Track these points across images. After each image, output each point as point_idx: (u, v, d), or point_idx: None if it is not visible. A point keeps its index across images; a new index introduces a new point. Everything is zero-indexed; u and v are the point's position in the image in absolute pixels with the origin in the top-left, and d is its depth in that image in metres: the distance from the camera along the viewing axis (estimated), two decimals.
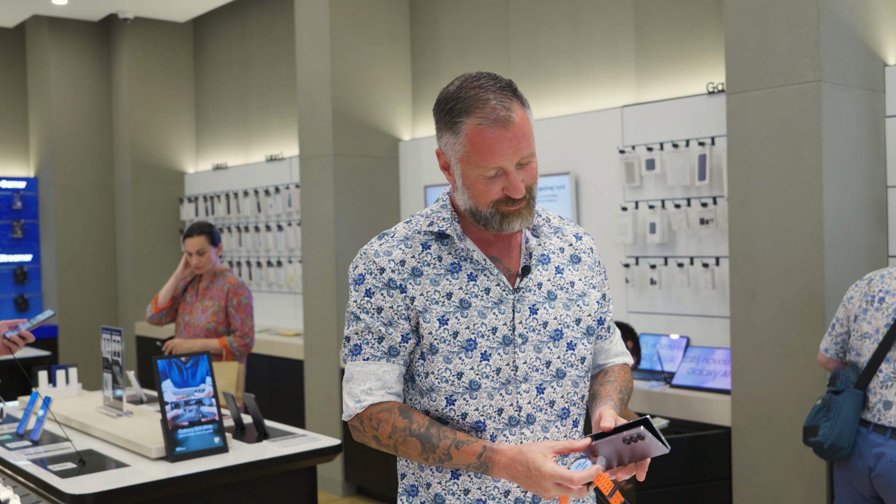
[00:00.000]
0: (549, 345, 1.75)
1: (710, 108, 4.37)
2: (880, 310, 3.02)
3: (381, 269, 1.73)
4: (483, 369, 1.70)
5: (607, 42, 4.99)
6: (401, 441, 1.68)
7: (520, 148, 1.66)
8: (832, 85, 3.56)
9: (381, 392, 1.72)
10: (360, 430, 1.74)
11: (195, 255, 4.60)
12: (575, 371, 1.79)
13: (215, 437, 3.17)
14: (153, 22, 8.22)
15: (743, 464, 3.84)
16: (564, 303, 1.79)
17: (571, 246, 1.87)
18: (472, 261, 1.75)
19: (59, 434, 3.51)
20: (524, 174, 1.69)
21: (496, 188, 1.68)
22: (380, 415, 1.70)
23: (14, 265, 8.37)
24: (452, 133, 1.68)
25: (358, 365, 1.73)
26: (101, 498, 2.77)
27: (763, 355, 3.73)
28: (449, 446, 1.65)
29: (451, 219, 1.77)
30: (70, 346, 8.17)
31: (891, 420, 2.93)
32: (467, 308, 1.71)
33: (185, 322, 4.67)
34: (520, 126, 1.66)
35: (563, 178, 4.98)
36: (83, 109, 8.35)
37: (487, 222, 1.71)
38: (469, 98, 1.66)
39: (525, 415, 1.72)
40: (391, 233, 1.80)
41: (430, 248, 1.75)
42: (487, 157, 1.65)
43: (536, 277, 1.78)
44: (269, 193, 7.15)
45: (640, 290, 4.72)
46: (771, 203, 3.68)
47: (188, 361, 3.19)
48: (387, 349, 1.72)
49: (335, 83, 5.79)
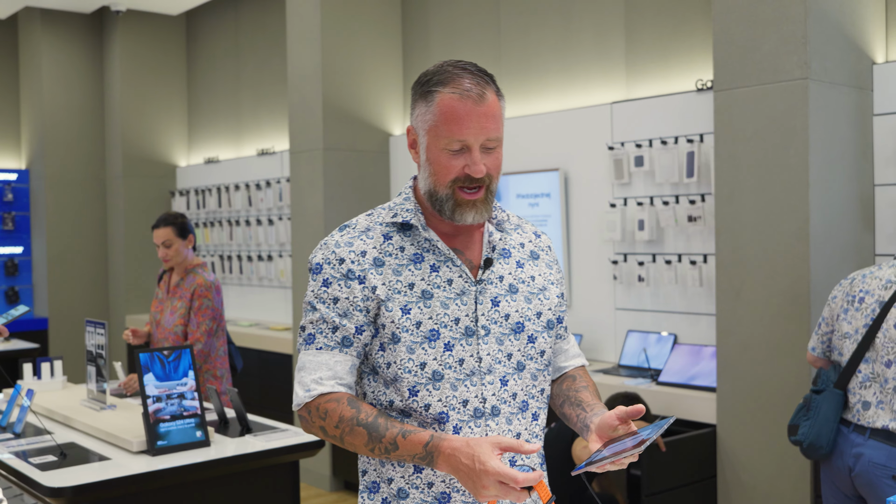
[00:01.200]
0: (510, 337, 1.75)
1: (699, 105, 4.37)
2: (860, 310, 3.01)
3: (340, 260, 1.72)
4: (446, 360, 1.69)
5: (597, 39, 4.98)
6: (347, 431, 1.66)
7: (487, 127, 1.67)
8: (819, 83, 3.56)
9: (331, 382, 1.70)
10: (308, 420, 1.71)
11: (161, 247, 4.34)
12: (534, 364, 1.78)
13: (197, 430, 3.16)
14: (145, 15, 8.20)
15: (728, 462, 3.84)
16: (525, 296, 1.79)
17: (531, 242, 1.89)
18: (435, 252, 1.75)
19: (42, 427, 3.50)
20: (487, 159, 1.70)
21: (458, 164, 1.68)
22: (328, 404, 1.68)
23: (5, 257, 8.36)
24: (425, 102, 1.70)
25: (311, 354, 1.72)
26: (80, 491, 2.75)
27: (749, 353, 3.73)
28: (396, 435, 1.62)
29: (415, 210, 1.77)
30: (60, 338, 8.16)
31: (869, 420, 2.92)
32: (430, 298, 1.71)
33: (157, 322, 4.42)
34: (491, 106, 1.69)
35: (552, 174, 4.97)
36: (75, 102, 8.33)
37: (441, 206, 1.71)
38: (447, 73, 1.70)
39: (490, 406, 1.71)
40: (353, 224, 1.79)
41: (392, 239, 1.75)
42: (454, 128, 1.66)
43: (498, 270, 1.78)
44: (261, 187, 7.14)
45: (628, 287, 4.72)
46: (757, 200, 3.68)
47: (170, 355, 3.18)
48: (340, 339, 1.71)
49: (326, 77, 5.77)
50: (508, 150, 5.25)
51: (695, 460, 3.87)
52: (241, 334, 6.61)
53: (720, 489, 3.88)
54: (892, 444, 2.85)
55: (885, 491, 2.86)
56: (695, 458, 3.87)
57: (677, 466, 3.80)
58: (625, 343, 4.65)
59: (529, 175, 5.10)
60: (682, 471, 3.82)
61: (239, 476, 3.15)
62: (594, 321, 4.88)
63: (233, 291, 7.57)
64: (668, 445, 3.73)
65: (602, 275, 4.83)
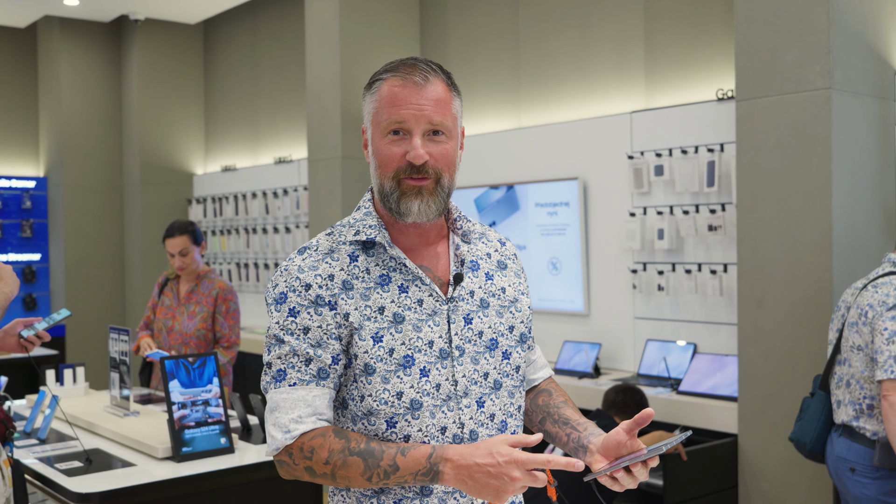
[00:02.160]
0: (485, 355, 1.65)
1: (720, 115, 4.37)
2: (835, 319, 3.23)
3: (306, 286, 1.59)
4: (423, 386, 1.58)
5: (616, 47, 4.99)
6: (339, 464, 1.52)
7: (428, 110, 1.59)
8: (842, 92, 3.56)
9: (312, 419, 1.55)
10: (290, 464, 1.56)
11: (177, 256, 4.31)
12: (511, 381, 1.68)
13: (221, 437, 3.18)
14: (164, 23, 8.26)
15: (750, 471, 3.83)
16: (497, 310, 1.69)
17: (497, 252, 1.78)
18: (402, 271, 1.63)
19: (66, 433, 3.52)
20: (433, 148, 1.60)
21: (399, 151, 1.59)
22: (313, 442, 1.54)
23: (23, 264, 8.40)
24: (370, 92, 1.65)
25: (283, 392, 1.57)
26: (108, 497, 2.77)
27: (771, 362, 3.73)
28: (395, 455, 1.51)
29: (378, 226, 1.64)
30: (77, 345, 8.19)
31: (841, 418, 3.11)
32: (401, 322, 1.59)
33: (169, 329, 4.36)
34: (436, 90, 1.60)
35: (572, 183, 4.98)
36: (93, 110, 8.38)
37: (389, 201, 1.61)
38: (394, 64, 1.65)
39: (468, 431, 1.61)
40: (313, 246, 1.66)
41: (358, 260, 1.63)
42: (393, 109, 1.59)
43: (468, 285, 1.68)
44: (278, 195, 7.17)
45: (648, 297, 4.71)
46: (780, 210, 3.68)
47: (195, 362, 3.19)
48: (315, 372, 1.57)
49: (345, 86, 5.80)
50: (527, 159, 5.28)
51: (716, 470, 3.87)
52: (258, 341, 6.63)
53: (741, 499, 3.87)
54: (850, 438, 3.06)
55: (847, 484, 3.07)
56: (716, 467, 3.87)
57: (698, 476, 3.79)
58: (644, 352, 4.65)
59: (548, 184, 5.11)
60: (703, 480, 3.81)
61: (263, 482, 3.16)
62: (613, 330, 4.88)
63: (249, 299, 7.60)
64: (689, 455, 3.72)
65: (621, 284, 4.83)
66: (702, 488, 3.80)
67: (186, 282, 4.42)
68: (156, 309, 4.48)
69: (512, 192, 5.31)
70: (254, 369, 6.51)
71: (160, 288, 4.50)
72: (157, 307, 4.48)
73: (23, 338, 3.07)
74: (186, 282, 4.42)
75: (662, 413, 4.17)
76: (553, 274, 5.14)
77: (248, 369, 6.55)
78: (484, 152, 5.52)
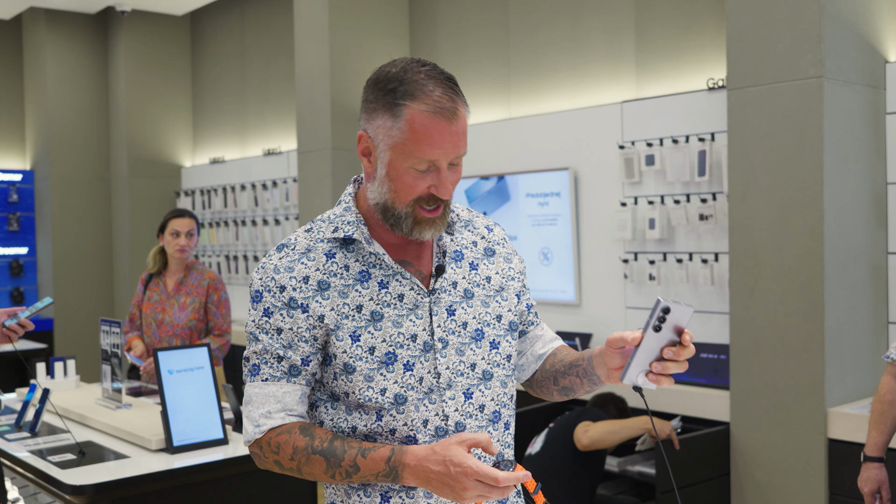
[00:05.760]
0: (471, 346, 1.64)
1: (711, 104, 4.38)
2: None
3: (280, 288, 1.60)
4: (408, 381, 1.59)
5: (607, 37, 4.99)
6: (303, 461, 1.56)
7: (459, 145, 1.56)
8: (833, 81, 3.57)
9: (280, 415, 1.59)
10: (261, 457, 1.61)
11: (184, 236, 4.31)
12: (502, 371, 1.68)
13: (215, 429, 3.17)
14: (150, 15, 8.20)
15: (742, 459, 3.84)
16: (483, 300, 1.68)
17: (484, 239, 1.76)
18: (382, 266, 1.62)
19: (58, 426, 3.51)
20: (452, 175, 1.59)
21: (423, 184, 1.56)
22: (279, 437, 1.58)
23: (10, 258, 8.36)
24: (391, 116, 1.54)
25: (256, 386, 1.61)
26: (101, 489, 2.76)
27: (762, 350, 3.74)
28: (355, 456, 1.53)
29: (357, 222, 1.63)
30: (66, 338, 8.15)
31: None
32: (380, 320, 1.59)
33: (159, 322, 4.35)
34: (462, 122, 1.56)
35: (563, 173, 4.98)
36: (80, 102, 8.33)
37: (397, 222, 1.60)
38: (415, 82, 1.53)
39: (454, 423, 1.60)
40: (291, 244, 1.65)
41: (336, 257, 1.62)
42: (426, 148, 1.53)
43: (451, 276, 1.66)
44: (267, 187, 7.14)
45: (639, 286, 4.72)
46: (771, 199, 3.68)
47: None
48: (287, 369, 1.60)
49: (334, 77, 5.78)
50: (518, 149, 5.28)
51: (708, 458, 3.88)
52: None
53: (734, 486, 3.89)
54: None
55: None
56: (708, 455, 3.88)
57: (691, 464, 3.81)
58: None
59: (539, 174, 5.11)
60: (695, 468, 3.83)
61: (257, 474, 3.15)
62: (604, 320, 4.89)
63: (239, 291, 7.58)
64: (681, 443, 3.74)
65: (612, 274, 4.84)
66: (694, 476, 3.81)
67: (174, 274, 4.41)
68: (142, 305, 4.46)
69: (503, 183, 5.31)
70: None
71: (144, 284, 4.48)
72: (143, 303, 4.45)
73: (5, 327, 3.05)
74: (174, 274, 4.41)
75: (655, 402, 4.19)
76: (544, 264, 5.15)
77: (238, 361, 6.54)
78: (474, 143, 5.49)
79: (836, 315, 3.58)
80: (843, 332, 3.62)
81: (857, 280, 3.69)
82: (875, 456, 2.86)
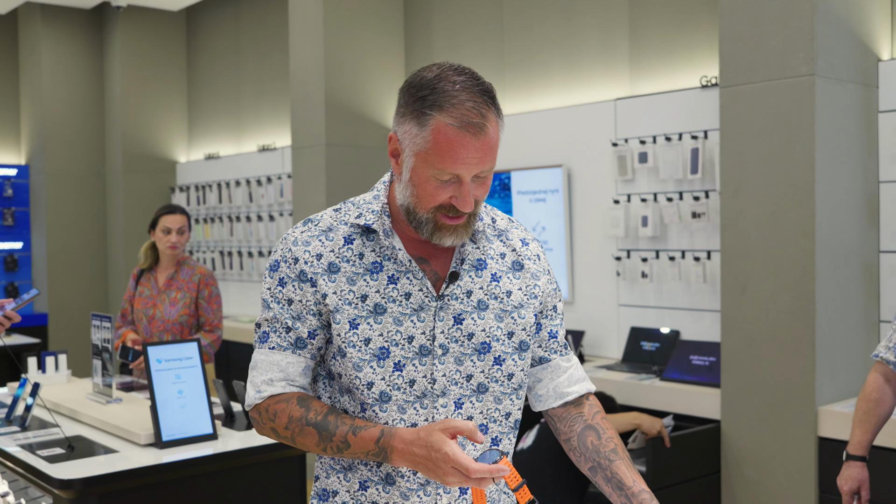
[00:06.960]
0: (472, 357, 1.62)
1: (704, 102, 4.38)
2: None
3: (295, 259, 1.63)
4: (395, 381, 1.59)
5: (601, 35, 4.98)
6: (297, 431, 1.58)
7: (483, 161, 1.53)
8: (825, 79, 3.57)
9: (282, 383, 1.62)
10: (259, 422, 1.65)
11: (175, 232, 4.31)
12: (499, 387, 1.65)
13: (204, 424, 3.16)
14: (146, 10, 8.19)
15: (732, 457, 3.85)
16: (497, 314, 1.65)
17: (515, 251, 1.72)
18: (396, 261, 1.62)
19: (48, 420, 3.50)
20: (478, 188, 1.57)
21: (444, 194, 1.55)
22: (277, 405, 1.61)
23: (4, 253, 8.34)
24: (417, 124, 1.52)
25: (263, 353, 1.64)
26: (90, 483, 2.76)
27: (753, 348, 3.74)
28: (346, 433, 1.54)
29: (381, 212, 1.63)
30: (59, 333, 8.15)
31: None
32: (381, 314, 1.59)
33: (150, 317, 4.36)
34: (490, 137, 1.53)
35: (556, 170, 4.98)
36: (75, 97, 8.31)
37: (419, 226, 1.59)
38: (445, 92, 1.51)
39: None
40: (316, 220, 1.67)
41: (353, 244, 1.63)
42: (448, 162, 1.51)
43: (466, 285, 1.64)
44: (261, 183, 7.14)
45: (632, 284, 4.72)
46: (763, 196, 3.69)
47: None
48: (293, 340, 1.63)
49: (329, 73, 5.77)
50: (512, 146, 5.27)
51: (699, 456, 3.88)
52: (241, 330, 6.60)
53: (724, 484, 3.89)
54: None
55: None
56: (699, 453, 3.88)
57: (681, 462, 3.81)
58: (628, 339, 4.66)
59: (533, 171, 5.11)
60: (686, 466, 3.83)
61: (246, 469, 3.15)
62: (597, 317, 4.89)
63: (233, 287, 7.57)
64: (672, 441, 3.74)
65: (605, 271, 4.84)
66: (685, 474, 3.82)
67: (165, 269, 4.42)
68: (133, 300, 4.46)
69: (496, 180, 5.31)
70: (237, 357, 6.50)
71: (136, 280, 4.48)
72: (134, 298, 4.46)
73: None
74: (165, 269, 4.42)
75: (647, 400, 4.19)
76: None
77: (231, 357, 6.54)
78: None
79: (827, 313, 3.58)
80: (834, 331, 3.62)
81: (849, 278, 3.70)
82: (858, 455, 2.81)
